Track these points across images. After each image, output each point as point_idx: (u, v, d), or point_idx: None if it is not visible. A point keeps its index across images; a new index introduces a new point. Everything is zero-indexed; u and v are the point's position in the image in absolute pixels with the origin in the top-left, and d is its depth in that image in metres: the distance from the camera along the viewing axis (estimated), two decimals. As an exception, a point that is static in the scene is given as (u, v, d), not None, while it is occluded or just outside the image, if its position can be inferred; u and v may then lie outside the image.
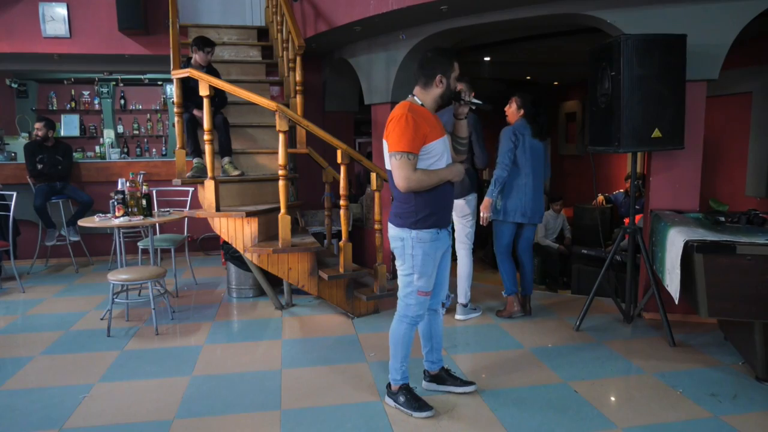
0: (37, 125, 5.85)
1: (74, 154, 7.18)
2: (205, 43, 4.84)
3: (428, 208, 2.69)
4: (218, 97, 4.75)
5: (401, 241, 2.73)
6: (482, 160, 4.22)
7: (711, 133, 4.90)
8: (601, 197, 7.28)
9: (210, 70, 4.90)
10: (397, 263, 2.80)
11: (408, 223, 2.69)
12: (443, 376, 3.10)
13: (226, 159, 4.79)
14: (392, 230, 2.77)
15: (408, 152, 2.58)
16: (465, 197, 4.25)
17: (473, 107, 2.86)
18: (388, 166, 2.72)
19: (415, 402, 2.84)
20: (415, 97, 2.74)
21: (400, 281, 2.81)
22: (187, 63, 4.85)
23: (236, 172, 4.77)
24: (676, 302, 3.29)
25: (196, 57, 4.82)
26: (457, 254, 4.33)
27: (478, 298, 4.77)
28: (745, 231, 3.23)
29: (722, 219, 3.53)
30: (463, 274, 4.32)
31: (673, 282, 3.27)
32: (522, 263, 4.42)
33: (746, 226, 3.37)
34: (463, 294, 4.32)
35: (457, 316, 4.33)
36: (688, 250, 3.05)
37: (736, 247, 2.94)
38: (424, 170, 2.64)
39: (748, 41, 4.70)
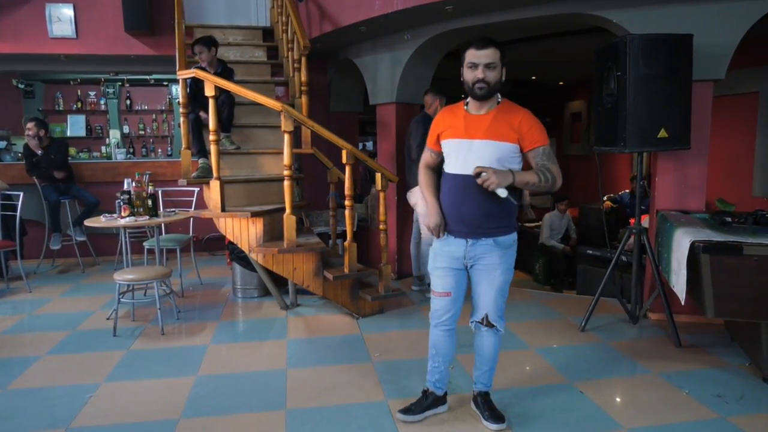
0: (28, 125, 5.81)
1: (81, 154, 7.25)
2: (191, 46, 4.88)
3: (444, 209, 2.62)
4: (224, 96, 4.71)
5: None
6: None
7: (718, 133, 4.87)
8: (608, 202, 7.21)
9: (225, 69, 4.89)
10: None
11: None
12: (476, 401, 2.83)
13: (224, 134, 4.82)
14: None
15: (426, 146, 2.74)
16: (410, 189, 4.89)
17: None
18: None
19: (416, 405, 2.81)
20: None
21: None
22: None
23: (232, 147, 4.84)
24: (683, 303, 3.27)
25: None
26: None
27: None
28: (752, 232, 3.21)
29: (729, 219, 3.51)
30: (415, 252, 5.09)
31: (679, 282, 3.26)
32: None
33: (753, 227, 3.36)
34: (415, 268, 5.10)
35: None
36: (695, 250, 3.04)
37: (743, 248, 2.93)
38: (426, 172, 2.72)
39: (755, 40, 4.66)
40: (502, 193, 2.38)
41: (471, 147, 2.48)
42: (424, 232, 4.85)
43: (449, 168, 2.58)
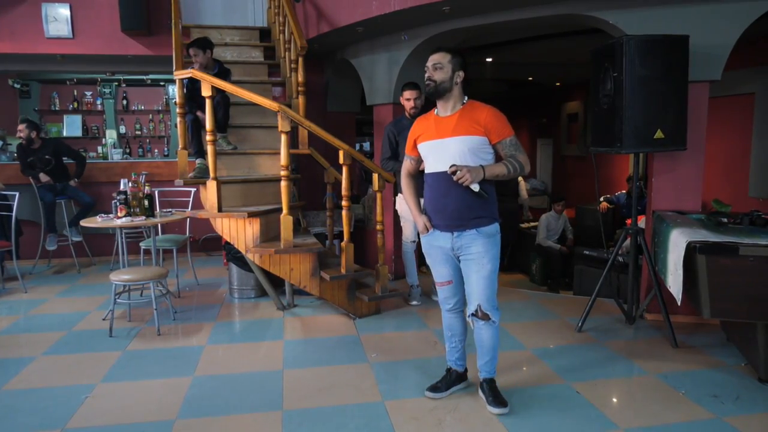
0: (20, 127, 5.79)
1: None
2: (186, 48, 4.85)
3: (425, 206, 2.88)
4: (219, 97, 4.69)
5: None
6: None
7: (714, 134, 4.89)
8: (604, 204, 7.22)
9: (222, 70, 4.88)
10: None
11: None
12: (482, 386, 2.97)
13: (220, 135, 4.82)
14: None
15: (405, 154, 2.99)
16: (395, 196, 4.94)
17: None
18: None
19: (442, 383, 3.04)
20: None
21: None
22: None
23: (229, 147, 4.86)
24: (679, 303, 3.28)
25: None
26: None
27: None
28: (748, 232, 3.22)
29: (725, 220, 3.51)
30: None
31: (675, 283, 3.27)
32: None
33: (749, 227, 3.36)
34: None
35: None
36: (691, 251, 3.05)
37: (739, 249, 2.94)
38: (407, 181, 3.00)
39: (752, 42, 4.69)
40: (475, 187, 2.61)
41: (443, 145, 2.72)
42: (404, 234, 4.80)
43: (429, 168, 2.81)
